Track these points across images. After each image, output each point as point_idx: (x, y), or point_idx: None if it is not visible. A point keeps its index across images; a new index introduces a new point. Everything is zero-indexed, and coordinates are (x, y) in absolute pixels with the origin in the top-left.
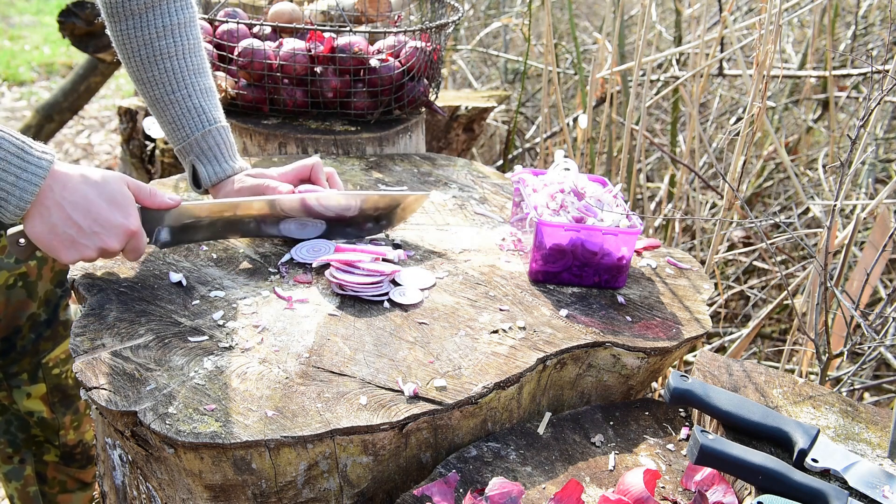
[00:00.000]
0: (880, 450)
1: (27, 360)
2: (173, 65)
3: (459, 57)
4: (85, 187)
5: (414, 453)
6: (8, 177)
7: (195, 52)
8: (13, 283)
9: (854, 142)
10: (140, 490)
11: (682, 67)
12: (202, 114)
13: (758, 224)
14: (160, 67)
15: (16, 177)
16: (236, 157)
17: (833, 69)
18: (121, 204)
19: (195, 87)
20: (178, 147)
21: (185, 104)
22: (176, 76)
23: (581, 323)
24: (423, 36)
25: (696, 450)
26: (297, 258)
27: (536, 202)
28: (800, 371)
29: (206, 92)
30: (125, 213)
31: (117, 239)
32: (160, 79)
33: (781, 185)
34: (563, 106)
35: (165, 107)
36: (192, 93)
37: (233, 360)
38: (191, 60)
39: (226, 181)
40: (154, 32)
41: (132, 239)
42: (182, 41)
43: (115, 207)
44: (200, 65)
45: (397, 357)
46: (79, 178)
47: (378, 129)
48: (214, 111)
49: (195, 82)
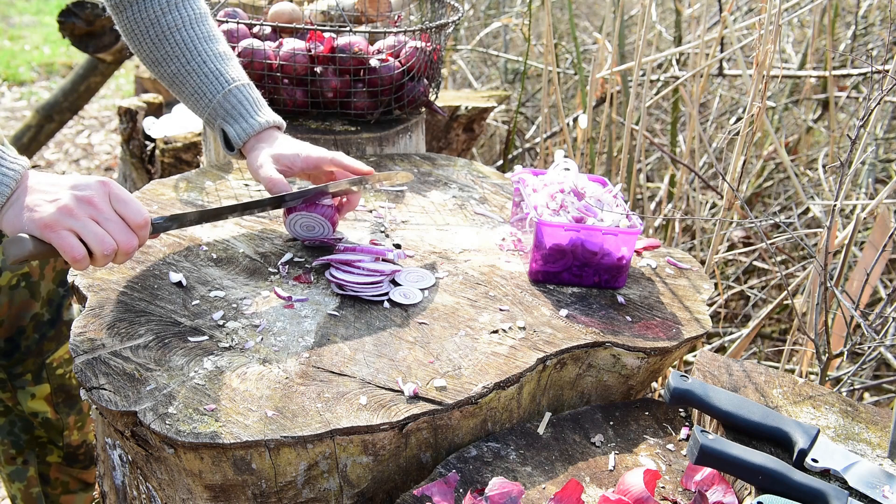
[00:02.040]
0: (880, 450)
1: (31, 361)
2: (183, 36)
3: (459, 57)
4: (60, 179)
5: (414, 453)
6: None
7: (202, 21)
8: (16, 284)
9: (854, 142)
10: (140, 490)
11: (682, 67)
12: (220, 76)
13: (758, 224)
14: (171, 42)
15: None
16: (262, 111)
17: (833, 69)
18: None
19: (208, 53)
20: (205, 116)
21: (202, 70)
22: (188, 46)
23: (581, 323)
24: (423, 36)
25: (696, 450)
26: (293, 233)
27: (536, 202)
28: (800, 371)
29: (221, 56)
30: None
31: (103, 198)
32: (173, 53)
33: (781, 185)
34: (563, 106)
35: (184, 79)
36: (206, 59)
37: (233, 360)
38: (199, 29)
39: (256, 139)
40: (158, 9)
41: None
42: (187, 12)
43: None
44: (209, 32)
45: (397, 357)
46: (53, 178)
47: (378, 129)
48: (232, 71)
49: (207, 48)
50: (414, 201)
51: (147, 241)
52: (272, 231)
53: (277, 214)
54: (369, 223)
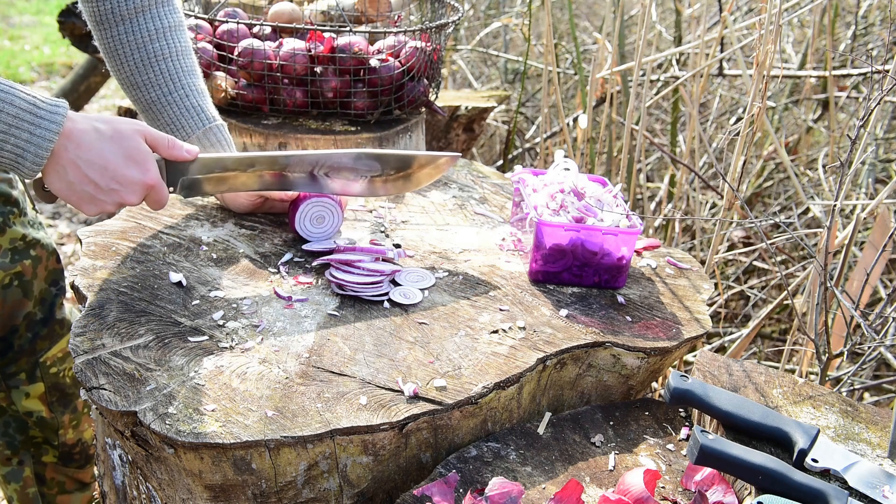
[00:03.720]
0: (880, 450)
1: (25, 360)
2: (168, 66)
3: (459, 57)
4: (100, 144)
5: (414, 453)
6: (22, 133)
7: (187, 54)
8: (9, 283)
9: (854, 142)
10: (140, 490)
11: (682, 67)
12: (200, 112)
13: (758, 224)
14: (155, 69)
15: (29, 133)
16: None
17: (833, 69)
18: (137, 159)
19: (191, 87)
20: None
21: (184, 104)
22: (171, 77)
23: (581, 323)
24: (423, 36)
25: (696, 450)
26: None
27: (536, 202)
28: (800, 371)
29: (202, 92)
30: (142, 169)
31: (135, 194)
32: (156, 81)
33: (781, 185)
34: (563, 106)
35: (162, 108)
36: (188, 93)
37: (233, 360)
38: (184, 62)
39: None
40: (147, 35)
41: (151, 192)
42: (174, 43)
43: (131, 163)
44: (192, 66)
45: (397, 357)
46: (93, 135)
47: (378, 129)
48: (211, 110)
49: (190, 83)
50: (414, 201)
51: (147, 243)
52: (272, 231)
53: (278, 216)
54: (369, 223)
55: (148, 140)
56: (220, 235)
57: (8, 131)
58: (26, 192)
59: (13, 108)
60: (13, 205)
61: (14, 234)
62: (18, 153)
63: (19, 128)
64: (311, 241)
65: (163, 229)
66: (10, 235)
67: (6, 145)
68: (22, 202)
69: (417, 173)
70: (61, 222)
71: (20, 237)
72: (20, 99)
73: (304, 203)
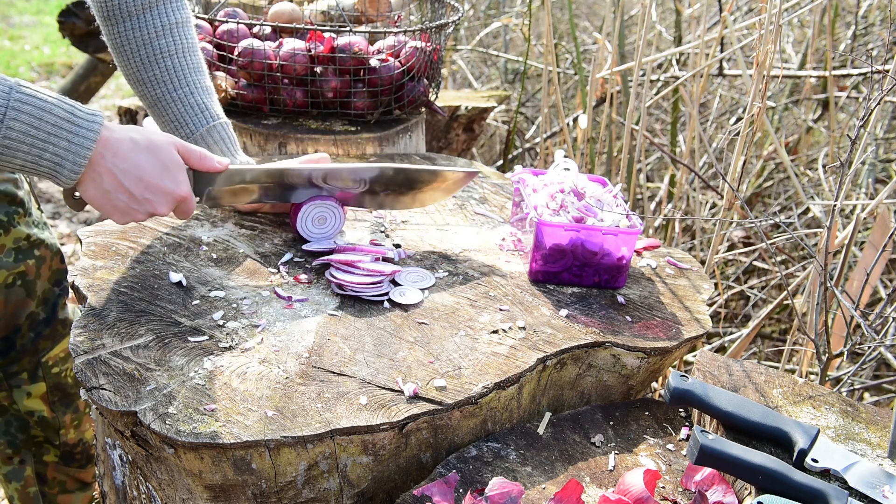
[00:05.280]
0: (880, 450)
1: (27, 360)
2: (174, 63)
3: (459, 57)
4: (136, 154)
5: (414, 453)
6: (60, 142)
7: (193, 51)
8: (12, 283)
9: (854, 142)
10: (140, 490)
11: (682, 67)
12: (205, 110)
13: (758, 224)
14: (161, 66)
15: (68, 141)
16: (239, 151)
17: (833, 69)
18: (171, 170)
19: (196, 84)
20: None
21: (188, 101)
22: (177, 74)
23: (581, 323)
24: (423, 36)
25: (696, 450)
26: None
27: (536, 202)
28: (800, 371)
29: (207, 90)
30: (175, 180)
31: (167, 205)
32: (161, 77)
33: (781, 185)
34: (563, 106)
35: (167, 105)
36: (193, 90)
37: (233, 360)
38: (190, 59)
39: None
40: (154, 31)
41: (182, 203)
42: (181, 40)
43: (165, 174)
44: (199, 64)
45: (397, 357)
46: (129, 144)
47: (378, 129)
48: (216, 108)
49: (196, 80)
50: None
51: (147, 243)
52: (272, 231)
53: (278, 216)
54: (369, 223)
55: (180, 151)
56: (220, 235)
57: (48, 139)
58: (31, 192)
59: (52, 116)
60: (18, 205)
61: (18, 234)
62: (57, 161)
63: (58, 136)
64: (312, 242)
65: (163, 229)
66: (15, 235)
67: (45, 153)
68: (27, 202)
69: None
70: (61, 222)
71: (24, 237)
72: (59, 108)
73: (306, 204)
